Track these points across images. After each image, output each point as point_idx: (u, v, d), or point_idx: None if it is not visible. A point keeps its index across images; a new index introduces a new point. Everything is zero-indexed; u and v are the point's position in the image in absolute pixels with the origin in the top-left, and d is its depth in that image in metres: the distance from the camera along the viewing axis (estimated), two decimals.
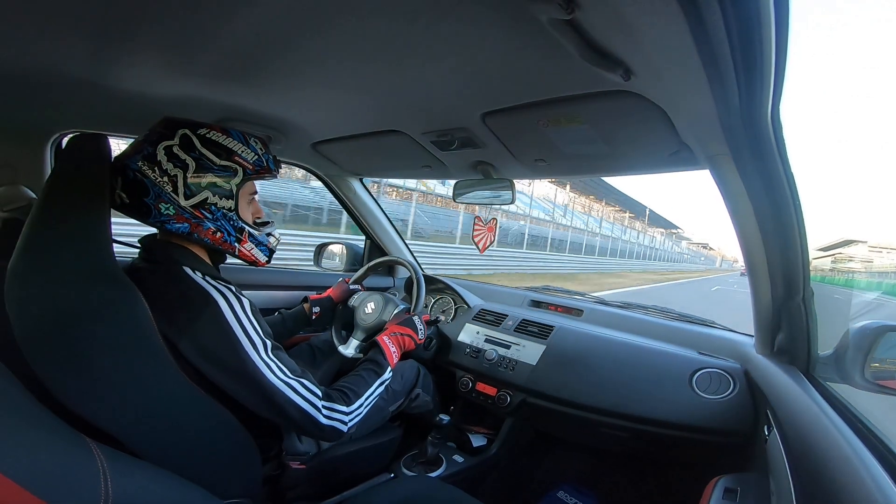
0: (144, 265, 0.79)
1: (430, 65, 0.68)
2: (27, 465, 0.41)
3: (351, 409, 0.83)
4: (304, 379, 0.79)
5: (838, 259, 48.77)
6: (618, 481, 1.42)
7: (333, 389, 0.85)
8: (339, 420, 0.81)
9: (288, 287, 1.57)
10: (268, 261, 0.90)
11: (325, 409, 0.79)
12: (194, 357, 0.72)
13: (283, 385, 0.75)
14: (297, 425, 0.77)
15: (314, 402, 0.78)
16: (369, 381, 0.90)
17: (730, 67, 0.52)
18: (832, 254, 50.31)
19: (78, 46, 0.67)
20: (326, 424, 0.79)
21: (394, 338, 1.03)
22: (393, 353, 0.99)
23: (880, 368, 0.72)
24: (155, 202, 0.74)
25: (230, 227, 0.81)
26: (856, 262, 48.07)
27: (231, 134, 0.80)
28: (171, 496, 0.55)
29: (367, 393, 0.88)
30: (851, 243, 52.09)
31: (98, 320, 0.64)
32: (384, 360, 0.96)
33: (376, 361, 0.95)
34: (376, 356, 0.97)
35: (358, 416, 0.85)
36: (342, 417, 0.81)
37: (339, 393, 0.84)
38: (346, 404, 0.83)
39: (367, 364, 0.95)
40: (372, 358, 0.97)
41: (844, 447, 0.56)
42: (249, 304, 0.78)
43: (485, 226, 1.42)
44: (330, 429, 0.80)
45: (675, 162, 0.90)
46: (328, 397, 0.81)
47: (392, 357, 0.98)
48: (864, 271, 45.00)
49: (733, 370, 1.07)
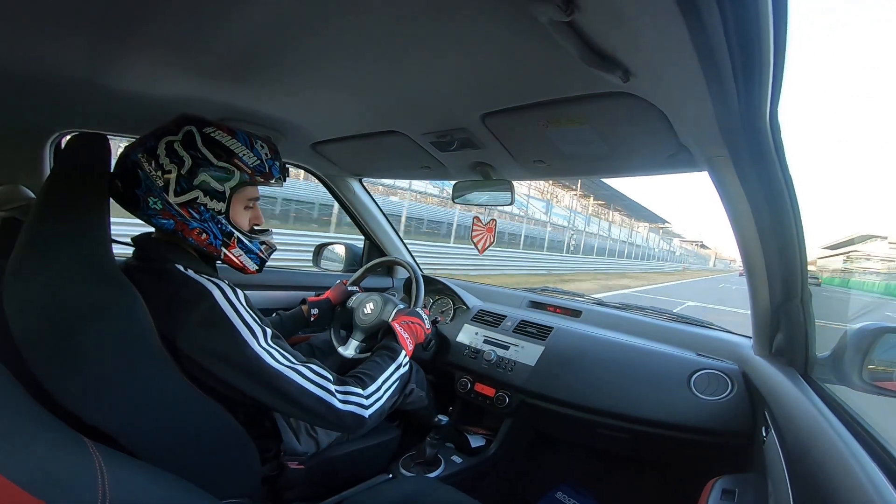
0: (137, 263, 0.78)
1: (430, 66, 0.68)
2: (24, 464, 0.41)
3: (368, 393, 0.79)
4: (311, 364, 0.75)
5: (852, 257, 44.59)
6: (616, 482, 1.42)
7: (346, 376, 0.81)
8: (358, 404, 0.76)
9: (286, 287, 1.56)
10: (258, 269, 0.87)
11: (339, 392, 0.75)
12: (195, 353, 0.70)
13: (289, 370, 0.72)
14: (314, 413, 0.73)
15: (326, 385, 0.74)
16: (384, 366, 0.86)
17: (728, 69, 0.52)
18: (844, 252, 46.16)
19: (78, 46, 0.67)
20: (344, 410, 0.74)
21: (406, 325, 0.99)
22: (406, 339, 0.96)
23: (878, 370, 0.72)
24: (144, 195, 0.73)
25: (217, 229, 0.79)
26: (873, 261, 42.84)
27: (237, 135, 0.78)
28: (169, 496, 0.55)
29: (382, 377, 0.83)
30: (868, 239, 46.21)
31: (97, 320, 0.63)
32: (397, 345, 0.92)
33: (389, 347, 0.92)
34: (389, 342, 0.93)
35: (378, 401, 0.80)
36: (360, 401, 0.77)
37: (352, 378, 0.80)
38: (362, 387, 0.79)
39: (381, 350, 0.91)
40: (385, 344, 0.93)
41: (842, 449, 0.56)
42: (244, 295, 0.76)
43: (484, 226, 1.42)
44: (349, 415, 0.75)
45: (673, 163, 0.91)
46: (341, 382, 0.77)
47: (405, 342, 0.95)
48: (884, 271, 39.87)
49: (731, 371, 1.07)
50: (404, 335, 0.96)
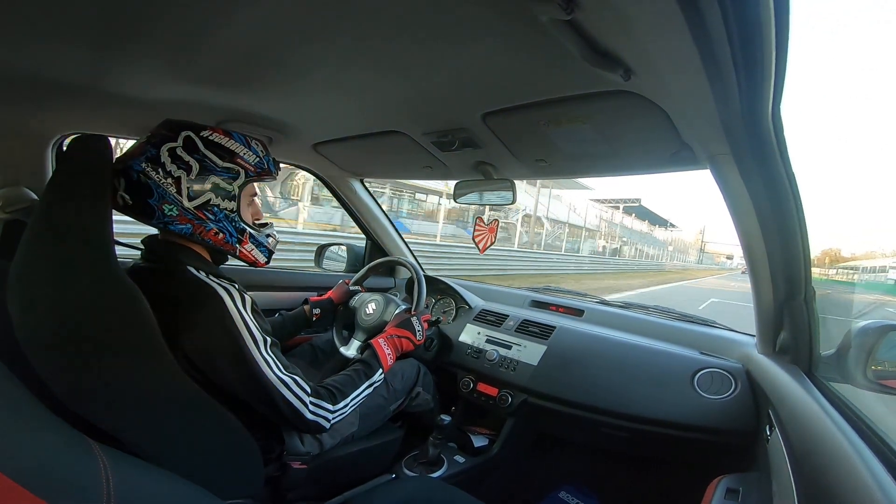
0: (147, 265, 0.80)
1: (431, 66, 0.68)
2: (29, 465, 0.41)
3: (336, 409, 0.86)
4: (295, 376, 0.81)
5: None
6: (619, 481, 1.42)
7: (323, 387, 0.87)
8: (323, 417, 0.84)
9: (289, 288, 1.57)
10: (267, 261, 0.92)
11: (311, 405, 0.82)
12: (196, 353, 0.73)
13: (278, 381, 0.78)
14: (285, 418, 0.80)
15: (303, 398, 0.81)
16: (358, 383, 0.92)
17: (730, 67, 0.52)
18: None
19: (79, 50, 0.67)
20: (311, 420, 0.82)
21: (390, 340, 1.04)
22: (388, 356, 1.01)
23: (883, 368, 0.72)
24: (159, 203, 0.75)
25: (232, 228, 0.83)
26: None
27: (233, 136, 0.81)
28: (173, 496, 0.55)
29: (354, 393, 0.90)
30: None
31: (100, 321, 0.64)
32: (377, 364, 0.98)
33: (368, 364, 0.98)
34: (370, 359, 0.99)
35: (342, 414, 0.88)
36: (326, 415, 0.84)
37: (327, 392, 0.87)
38: (333, 403, 0.86)
39: (359, 365, 0.97)
40: (365, 360, 0.99)
41: (846, 447, 0.55)
42: (251, 301, 0.80)
43: (486, 226, 1.42)
44: (314, 423, 0.83)
45: (675, 162, 0.90)
46: (317, 394, 0.84)
47: (386, 359, 1.00)
48: None
49: (735, 370, 1.07)
50: (386, 351, 1.02)
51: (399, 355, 1.07)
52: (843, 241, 63.05)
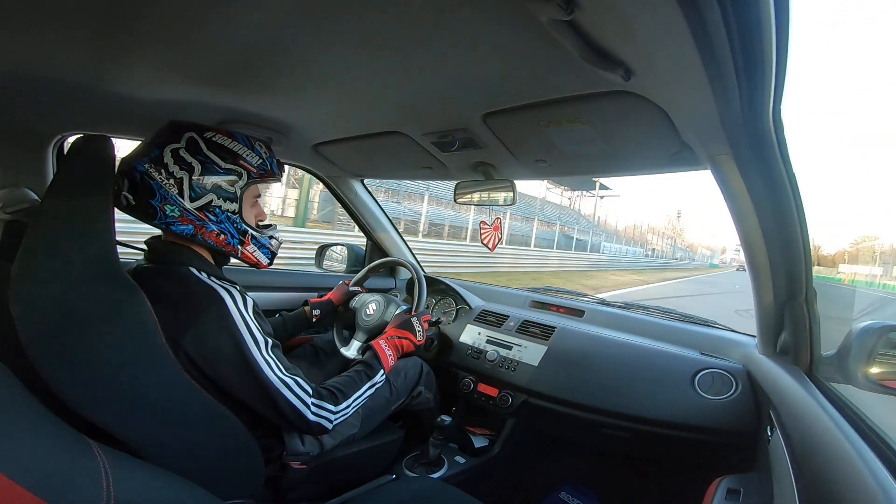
0: (150, 266, 0.81)
1: (431, 66, 0.68)
2: (29, 465, 0.41)
3: (338, 409, 0.86)
4: (297, 377, 0.81)
5: None
6: (620, 482, 1.42)
7: (324, 388, 0.87)
8: (326, 418, 0.84)
9: (289, 289, 1.57)
10: (269, 263, 0.92)
11: (313, 406, 0.82)
12: (197, 354, 0.73)
13: (280, 382, 0.78)
14: (287, 420, 0.80)
15: (305, 399, 0.81)
16: (359, 384, 0.92)
17: (730, 67, 0.51)
18: None
19: (80, 50, 0.67)
20: (313, 421, 0.82)
21: (391, 341, 1.04)
22: (389, 357, 1.01)
23: (884, 368, 0.71)
24: (161, 204, 0.75)
25: (233, 229, 0.83)
26: None
27: (236, 137, 0.81)
28: (173, 496, 0.55)
29: (356, 394, 0.90)
30: None
31: (102, 321, 0.64)
32: (378, 365, 0.98)
33: (370, 365, 0.98)
34: (371, 360, 0.99)
35: (344, 415, 0.88)
36: (328, 416, 0.84)
37: (329, 393, 0.87)
38: (335, 404, 0.86)
39: (360, 366, 0.97)
40: (367, 361, 0.99)
41: (847, 448, 0.55)
42: (253, 303, 0.80)
43: (490, 226, 1.42)
44: (316, 424, 0.82)
45: (676, 162, 0.90)
46: (318, 395, 0.84)
47: (387, 360, 1.00)
48: None
49: (736, 370, 1.06)
50: (387, 352, 1.01)
51: (400, 356, 1.07)
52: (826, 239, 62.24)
